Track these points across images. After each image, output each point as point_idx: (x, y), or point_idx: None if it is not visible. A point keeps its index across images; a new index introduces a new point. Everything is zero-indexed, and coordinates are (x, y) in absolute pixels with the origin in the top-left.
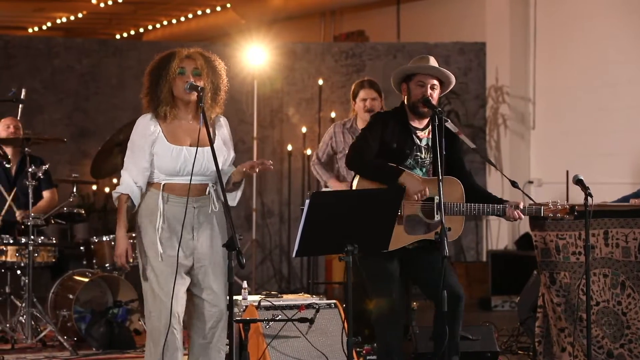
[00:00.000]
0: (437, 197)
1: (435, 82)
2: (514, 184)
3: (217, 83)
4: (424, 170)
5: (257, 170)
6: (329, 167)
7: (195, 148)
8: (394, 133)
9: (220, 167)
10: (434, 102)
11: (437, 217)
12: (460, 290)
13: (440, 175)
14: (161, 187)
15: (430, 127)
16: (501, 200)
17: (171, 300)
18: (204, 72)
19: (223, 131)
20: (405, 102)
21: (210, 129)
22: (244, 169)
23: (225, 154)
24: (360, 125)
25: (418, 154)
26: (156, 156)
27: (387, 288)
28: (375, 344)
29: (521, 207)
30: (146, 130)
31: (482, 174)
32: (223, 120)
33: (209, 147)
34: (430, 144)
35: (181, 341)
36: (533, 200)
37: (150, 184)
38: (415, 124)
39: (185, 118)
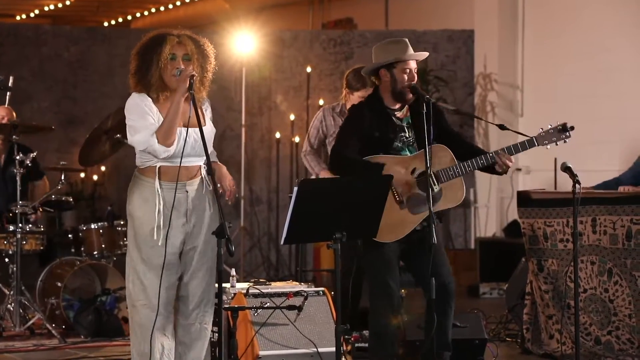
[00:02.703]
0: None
1: (415, 65)
2: (501, 127)
3: (205, 66)
4: (412, 149)
5: (227, 196)
6: (320, 154)
7: (186, 129)
8: (373, 121)
9: (209, 148)
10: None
11: (436, 188)
12: (452, 285)
13: (429, 162)
14: (156, 171)
15: (407, 105)
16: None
17: (159, 288)
18: (194, 57)
19: (210, 115)
20: (390, 88)
21: (200, 112)
22: (219, 185)
23: (213, 133)
24: None
25: (402, 134)
26: None
27: (384, 276)
28: (363, 332)
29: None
30: (144, 101)
31: None
32: (209, 104)
33: (197, 128)
34: (410, 121)
35: (172, 328)
36: (525, 135)
37: (142, 169)
38: (392, 105)
39: None
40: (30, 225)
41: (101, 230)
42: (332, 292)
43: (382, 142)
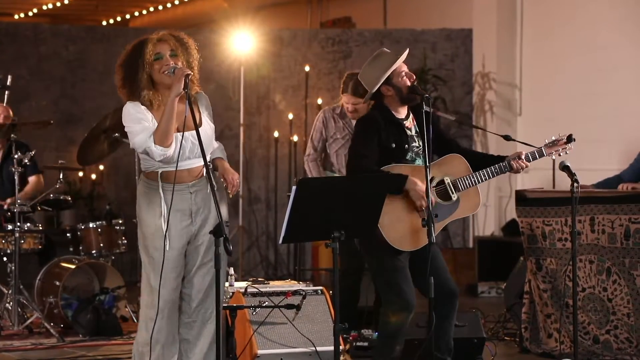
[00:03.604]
0: (446, 178)
1: (405, 65)
2: (507, 137)
3: (190, 61)
4: (422, 158)
5: (230, 190)
6: (323, 156)
7: (182, 134)
8: (388, 133)
9: (209, 148)
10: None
11: (454, 197)
12: (454, 287)
13: (428, 161)
14: (159, 176)
15: (411, 114)
16: (500, 157)
17: (158, 289)
18: (179, 52)
19: (206, 107)
20: (398, 97)
21: (197, 112)
22: (222, 179)
23: (212, 130)
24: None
25: (414, 144)
26: None
27: (399, 282)
28: (362, 331)
29: (522, 156)
30: (137, 109)
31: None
32: (203, 96)
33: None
34: (418, 130)
35: (176, 329)
36: (531, 145)
37: (147, 173)
38: (399, 115)
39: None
40: (28, 224)
41: (99, 229)
42: (331, 291)
43: (397, 152)
